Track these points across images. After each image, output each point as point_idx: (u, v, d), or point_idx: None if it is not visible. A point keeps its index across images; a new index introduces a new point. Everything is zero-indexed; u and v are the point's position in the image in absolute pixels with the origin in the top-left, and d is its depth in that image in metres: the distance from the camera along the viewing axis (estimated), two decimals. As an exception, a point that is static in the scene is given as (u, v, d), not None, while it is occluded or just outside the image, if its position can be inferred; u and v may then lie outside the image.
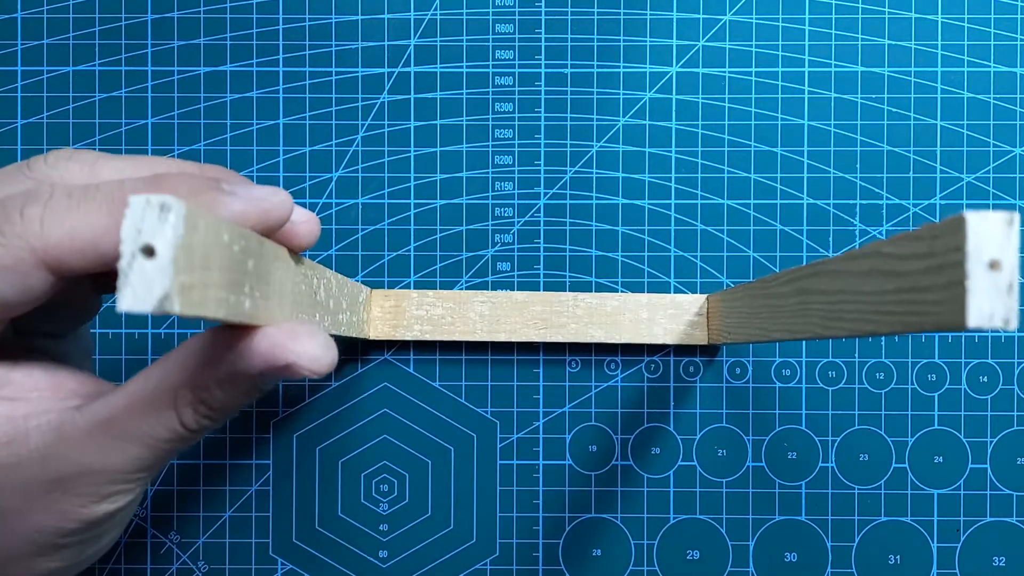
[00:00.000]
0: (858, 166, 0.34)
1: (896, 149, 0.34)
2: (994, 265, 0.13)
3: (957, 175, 0.33)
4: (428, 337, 0.32)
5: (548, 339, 0.32)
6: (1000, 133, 0.33)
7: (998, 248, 0.13)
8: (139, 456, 0.20)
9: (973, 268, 0.13)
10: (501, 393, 0.33)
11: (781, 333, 0.22)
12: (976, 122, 0.33)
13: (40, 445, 0.19)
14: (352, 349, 0.34)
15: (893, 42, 0.34)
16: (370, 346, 0.34)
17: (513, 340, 0.32)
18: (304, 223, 0.21)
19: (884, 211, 0.34)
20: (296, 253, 0.21)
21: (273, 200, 0.19)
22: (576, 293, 0.32)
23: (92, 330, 0.33)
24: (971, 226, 0.13)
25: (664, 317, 0.32)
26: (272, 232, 0.19)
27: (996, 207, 0.33)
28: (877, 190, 0.33)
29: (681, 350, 0.34)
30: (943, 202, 0.33)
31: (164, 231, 0.13)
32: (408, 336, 0.32)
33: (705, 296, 0.32)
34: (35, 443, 0.19)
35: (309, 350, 0.19)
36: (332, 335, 0.25)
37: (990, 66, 0.33)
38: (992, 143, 0.33)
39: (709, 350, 0.34)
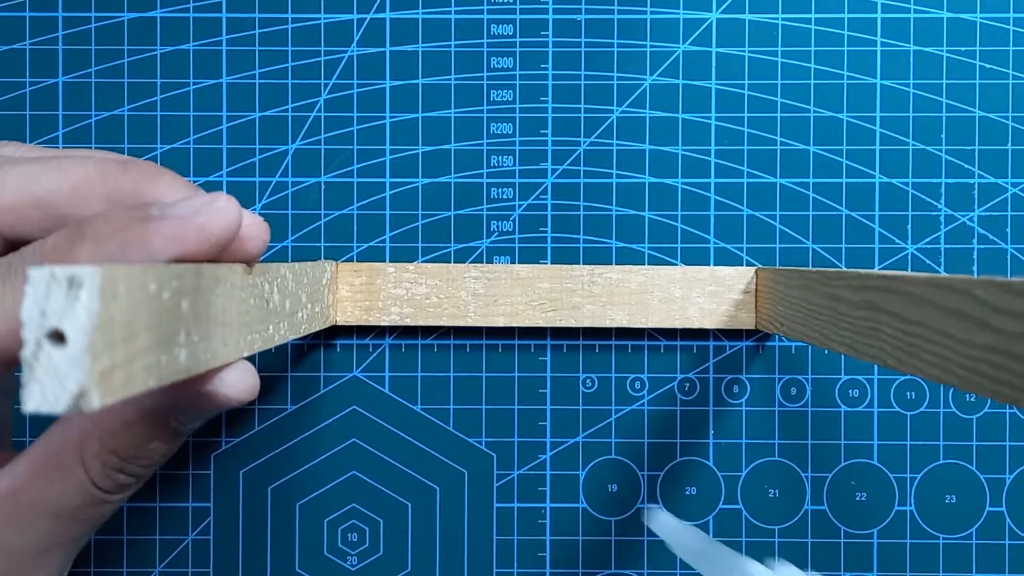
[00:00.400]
0: (943, 136, 0.29)
1: (991, 115, 0.29)
2: None
3: (1067, 147, 0.29)
4: (409, 321, 0.28)
5: (557, 323, 0.28)
6: (1119, 95, 0.29)
7: None
8: (51, 530, 0.20)
9: None
10: (499, 418, 0.30)
11: (845, 348, 0.20)
12: (1091, 81, 0.29)
13: None
14: (313, 350, 0.29)
15: (987, -18, 0.29)
16: (336, 333, 0.29)
17: (514, 325, 0.28)
18: (249, 227, 0.19)
19: (976, 192, 0.29)
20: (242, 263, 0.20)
21: (212, 214, 0.18)
22: (593, 267, 0.28)
23: None
24: None
25: (702, 296, 0.28)
26: (220, 247, 0.18)
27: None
28: (967, 166, 0.29)
29: (727, 358, 0.29)
30: None
31: (75, 312, 0.12)
32: (385, 321, 0.28)
33: (754, 269, 0.28)
34: None
35: (224, 375, 0.18)
36: (291, 339, 0.23)
37: (1108, 11, 0.29)
38: (1111, 107, 0.29)
39: (758, 338, 0.30)
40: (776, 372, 0.29)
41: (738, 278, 0.28)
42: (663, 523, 0.24)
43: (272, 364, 0.29)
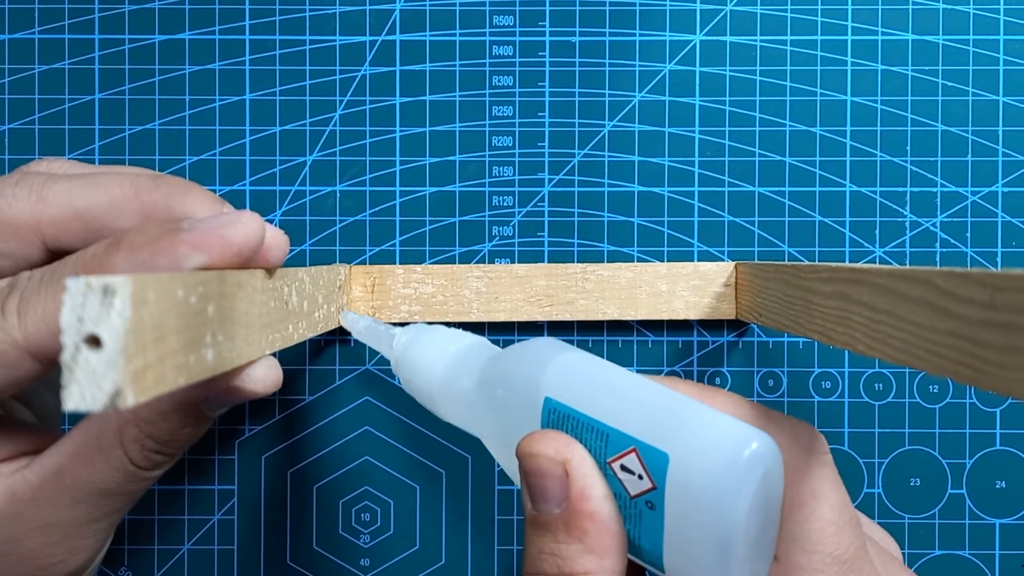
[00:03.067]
0: (908, 148, 0.30)
1: (952, 129, 0.30)
2: None
3: (1022, 159, 0.30)
4: (418, 318, 0.29)
5: (554, 317, 0.29)
6: (1071, 111, 0.30)
7: None
8: (96, 504, 0.21)
9: None
10: None
11: (818, 335, 0.21)
12: (1044, 98, 0.30)
13: None
14: (329, 345, 0.30)
15: (948, 6, 0.30)
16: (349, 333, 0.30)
17: (514, 320, 0.29)
18: (271, 238, 0.20)
19: (938, 200, 0.30)
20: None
21: (236, 227, 0.18)
22: (586, 264, 0.29)
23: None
24: None
25: (686, 289, 0.29)
26: (244, 259, 0.19)
27: (1065, 195, 0.30)
28: (930, 176, 0.30)
29: (709, 353, 0.30)
30: (1005, 189, 0.30)
31: (109, 318, 0.13)
32: (395, 318, 0.29)
33: (733, 264, 0.29)
34: None
35: (251, 371, 0.19)
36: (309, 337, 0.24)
37: (1060, 34, 0.30)
38: (1062, 122, 0.30)
39: (738, 334, 0.30)
40: (755, 365, 0.30)
41: (719, 272, 0.29)
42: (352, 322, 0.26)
43: (292, 358, 0.30)
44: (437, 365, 0.22)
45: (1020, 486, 0.30)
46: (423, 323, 0.25)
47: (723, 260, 0.30)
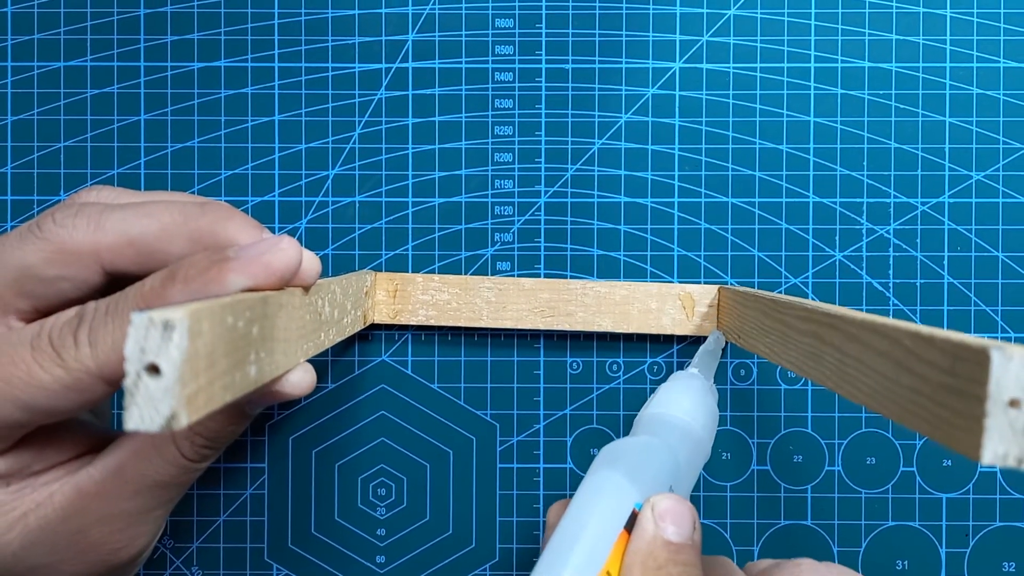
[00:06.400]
0: (865, 163, 0.33)
1: (904, 146, 0.33)
2: (1014, 403, 0.13)
3: (966, 173, 0.33)
4: (433, 322, 0.31)
5: (555, 327, 0.31)
6: (1009, 130, 0.33)
7: (1019, 387, 0.13)
8: (153, 495, 0.23)
9: (993, 408, 0.13)
10: (501, 395, 0.33)
11: (791, 366, 0.22)
12: (985, 119, 0.33)
13: (63, 503, 0.22)
14: (350, 340, 0.33)
15: (900, 37, 0.33)
16: (371, 330, 0.33)
17: (519, 327, 0.31)
18: (306, 261, 0.21)
19: (892, 209, 0.33)
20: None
21: (277, 254, 0.19)
22: (585, 281, 0.31)
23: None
24: (995, 366, 0.13)
25: (674, 308, 0.31)
26: (284, 281, 0.20)
27: (1005, 205, 0.33)
28: (884, 188, 0.33)
29: (688, 347, 0.33)
30: (952, 200, 0.33)
31: (168, 350, 0.14)
32: (413, 321, 0.31)
33: (717, 287, 0.31)
34: (59, 503, 0.22)
35: (290, 377, 0.21)
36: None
37: (999, 62, 0.33)
38: (1001, 140, 0.33)
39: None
40: (728, 357, 0.33)
41: (704, 294, 0.31)
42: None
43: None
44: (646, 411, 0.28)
45: (965, 464, 0.32)
46: (707, 387, 0.28)
47: (700, 263, 0.33)
